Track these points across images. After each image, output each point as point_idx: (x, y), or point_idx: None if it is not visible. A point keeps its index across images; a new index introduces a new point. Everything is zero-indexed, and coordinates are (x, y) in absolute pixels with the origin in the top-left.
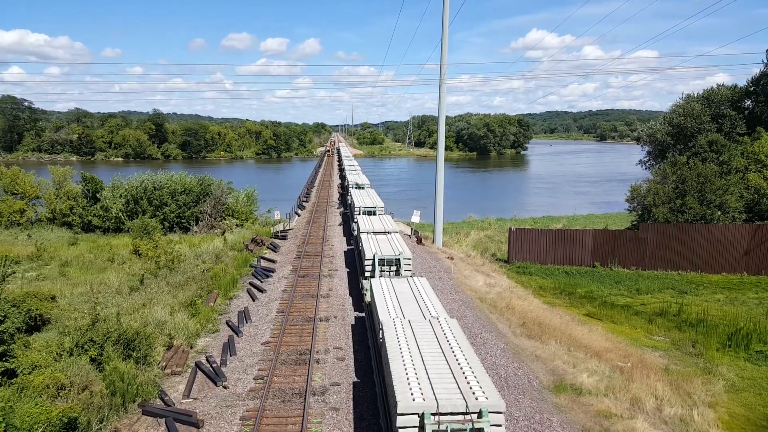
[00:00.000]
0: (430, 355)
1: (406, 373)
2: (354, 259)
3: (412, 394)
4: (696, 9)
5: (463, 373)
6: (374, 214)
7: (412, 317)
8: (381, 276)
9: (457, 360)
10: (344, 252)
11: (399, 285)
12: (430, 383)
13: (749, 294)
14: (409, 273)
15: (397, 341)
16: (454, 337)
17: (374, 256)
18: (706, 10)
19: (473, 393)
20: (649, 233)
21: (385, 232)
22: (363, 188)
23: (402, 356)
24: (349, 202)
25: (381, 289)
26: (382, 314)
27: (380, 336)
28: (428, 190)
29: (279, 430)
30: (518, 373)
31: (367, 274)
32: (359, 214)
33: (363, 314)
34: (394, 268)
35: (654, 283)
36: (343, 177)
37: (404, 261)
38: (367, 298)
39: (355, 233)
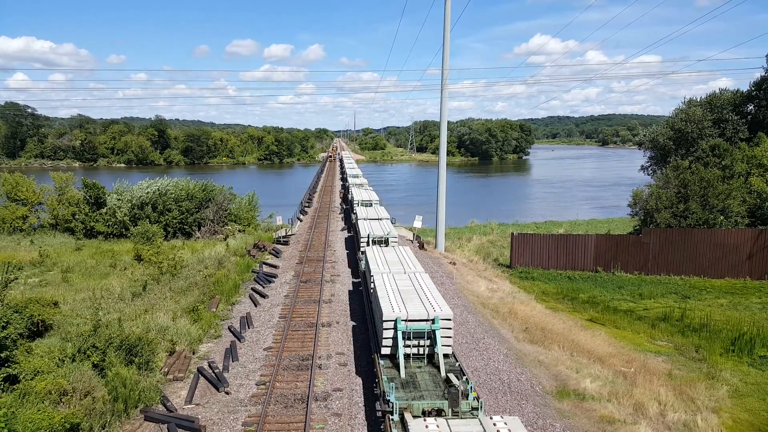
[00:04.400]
0: (406, 293)
1: (389, 299)
2: (356, 264)
3: (392, 309)
4: (697, 14)
5: (428, 299)
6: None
7: (396, 271)
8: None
9: (425, 294)
10: (346, 257)
11: (387, 252)
12: (405, 305)
13: (752, 299)
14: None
15: (383, 284)
16: (424, 281)
17: (368, 235)
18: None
19: (432, 308)
20: (651, 238)
21: (385, 241)
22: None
23: (387, 292)
24: (354, 221)
25: (373, 254)
26: (374, 269)
27: (371, 284)
28: (430, 195)
29: None
30: (521, 379)
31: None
32: (367, 242)
33: (364, 319)
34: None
35: (657, 288)
36: (345, 188)
37: (373, 202)
38: (362, 266)
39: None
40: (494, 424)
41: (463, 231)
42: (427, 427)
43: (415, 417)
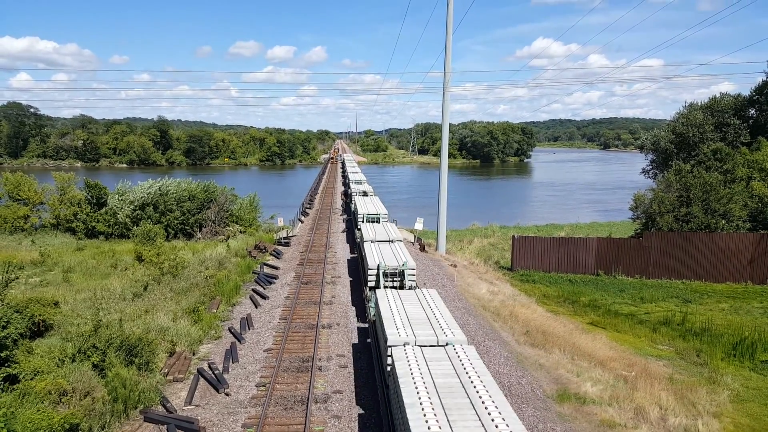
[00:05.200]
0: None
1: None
2: (358, 267)
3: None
4: (700, 18)
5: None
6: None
7: (385, 254)
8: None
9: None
10: (347, 259)
11: (360, 185)
12: (382, 257)
13: (754, 303)
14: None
15: (371, 250)
16: (374, 197)
17: (363, 215)
18: (710, 19)
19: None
20: (653, 242)
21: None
22: (367, 195)
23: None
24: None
25: (370, 246)
26: (367, 246)
27: (367, 268)
28: (431, 197)
29: None
30: (522, 382)
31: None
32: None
33: (366, 324)
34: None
35: (658, 292)
36: (347, 195)
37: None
38: (352, 207)
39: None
40: (421, 291)
41: (464, 233)
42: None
43: None
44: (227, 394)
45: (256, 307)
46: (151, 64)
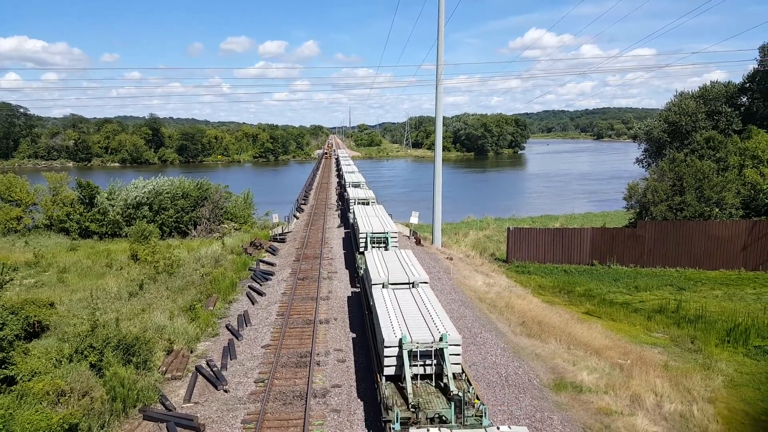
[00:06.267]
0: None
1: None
2: (353, 261)
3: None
4: (691, 6)
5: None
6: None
7: (374, 224)
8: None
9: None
10: (343, 254)
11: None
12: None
13: (747, 289)
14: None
15: (362, 221)
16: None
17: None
18: (702, 7)
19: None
20: (647, 231)
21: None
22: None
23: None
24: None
25: (361, 219)
26: (359, 220)
27: (360, 244)
28: (426, 191)
29: None
30: (518, 372)
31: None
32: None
33: (362, 314)
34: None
35: (652, 281)
36: (341, 186)
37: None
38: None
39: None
40: (400, 251)
41: (459, 226)
42: None
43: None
44: (226, 391)
45: (253, 303)
46: (142, 61)
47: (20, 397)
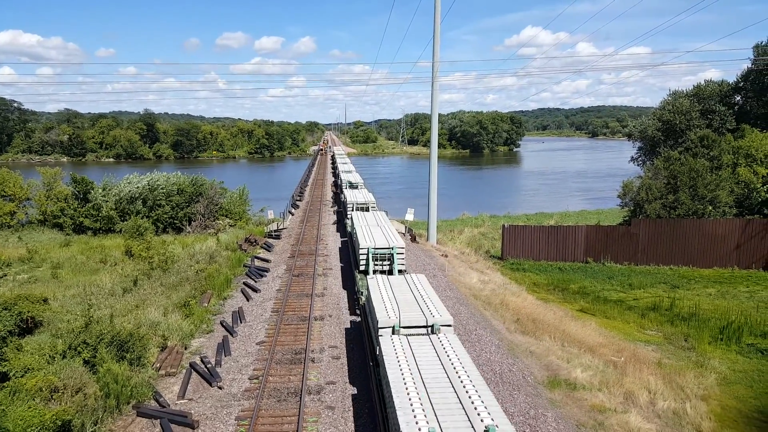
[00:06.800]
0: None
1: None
2: (349, 257)
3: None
4: (687, 5)
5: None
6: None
7: (357, 197)
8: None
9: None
10: (339, 250)
11: (358, 193)
12: (355, 198)
13: (740, 287)
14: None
15: (359, 225)
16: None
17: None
18: (697, 5)
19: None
20: (641, 229)
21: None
22: (357, 188)
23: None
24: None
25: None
26: (347, 193)
27: (353, 234)
28: (422, 187)
29: (275, 429)
30: (513, 369)
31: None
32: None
33: (359, 317)
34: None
35: (646, 278)
36: (336, 176)
37: (360, 185)
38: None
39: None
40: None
41: (454, 223)
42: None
43: None
44: (220, 388)
45: (248, 300)
46: (137, 56)
47: (13, 394)
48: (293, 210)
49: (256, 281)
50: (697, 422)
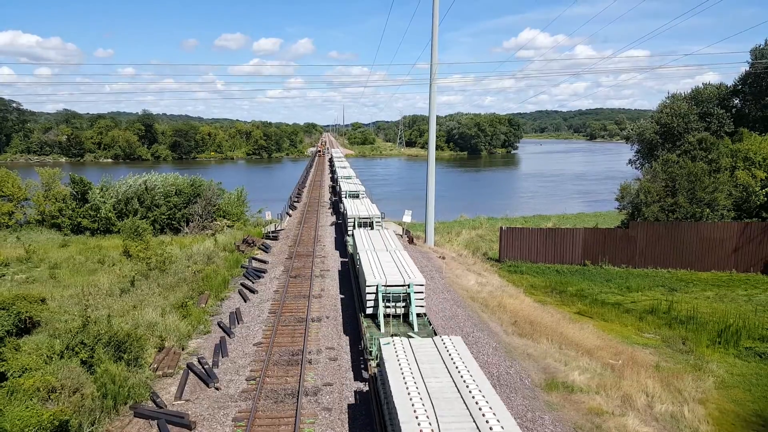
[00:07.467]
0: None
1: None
2: (347, 258)
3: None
4: (685, 8)
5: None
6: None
7: (360, 209)
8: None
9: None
10: (336, 252)
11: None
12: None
13: (738, 291)
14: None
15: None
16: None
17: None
18: (695, 9)
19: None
20: (639, 232)
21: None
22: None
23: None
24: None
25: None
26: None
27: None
28: (420, 189)
29: (271, 430)
30: (510, 372)
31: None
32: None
33: (354, 311)
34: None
35: (644, 281)
36: (335, 186)
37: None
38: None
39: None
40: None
41: (452, 225)
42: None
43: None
44: (217, 389)
45: (245, 301)
46: (136, 57)
47: (10, 394)
48: (291, 211)
49: (253, 282)
50: (694, 426)
